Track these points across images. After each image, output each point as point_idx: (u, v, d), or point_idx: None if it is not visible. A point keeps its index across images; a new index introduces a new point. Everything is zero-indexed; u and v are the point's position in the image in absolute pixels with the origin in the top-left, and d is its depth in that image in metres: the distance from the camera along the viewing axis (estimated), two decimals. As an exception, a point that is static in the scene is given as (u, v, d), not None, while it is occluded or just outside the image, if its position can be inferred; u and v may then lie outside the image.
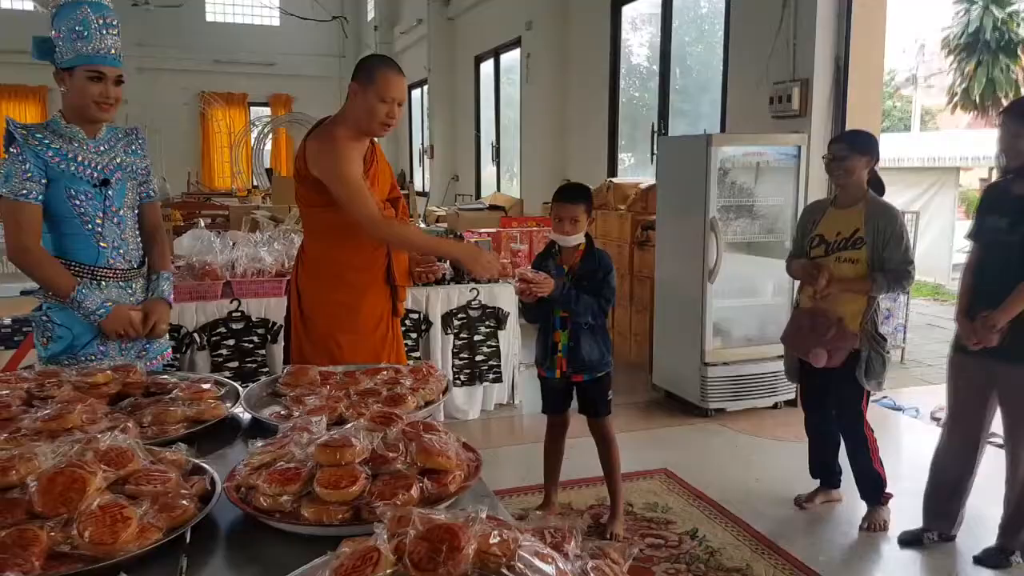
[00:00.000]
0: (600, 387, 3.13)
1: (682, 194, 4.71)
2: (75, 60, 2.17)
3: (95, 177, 2.24)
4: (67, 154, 2.20)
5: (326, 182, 2.40)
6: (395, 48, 13.54)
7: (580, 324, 3.00)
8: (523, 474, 3.68)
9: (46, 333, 2.26)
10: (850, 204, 3.16)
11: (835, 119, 4.65)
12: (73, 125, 2.23)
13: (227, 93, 15.00)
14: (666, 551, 3.02)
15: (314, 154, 2.42)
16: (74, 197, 2.21)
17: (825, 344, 3.11)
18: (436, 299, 4.45)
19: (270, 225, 5.86)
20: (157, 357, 2.45)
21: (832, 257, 3.15)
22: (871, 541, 3.17)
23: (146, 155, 2.43)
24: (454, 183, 11.80)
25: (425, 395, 1.73)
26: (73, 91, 2.20)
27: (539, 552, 0.90)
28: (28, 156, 2.15)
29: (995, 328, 2.71)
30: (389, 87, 2.37)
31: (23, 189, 2.14)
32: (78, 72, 2.18)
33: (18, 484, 1.12)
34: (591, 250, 3.04)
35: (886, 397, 4.97)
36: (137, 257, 2.38)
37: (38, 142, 2.17)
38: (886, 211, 3.09)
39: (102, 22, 2.18)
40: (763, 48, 4.93)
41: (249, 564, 1.16)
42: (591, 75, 7.73)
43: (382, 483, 1.22)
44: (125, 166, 2.33)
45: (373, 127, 2.42)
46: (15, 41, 13.09)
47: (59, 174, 2.18)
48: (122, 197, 2.32)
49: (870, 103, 4.73)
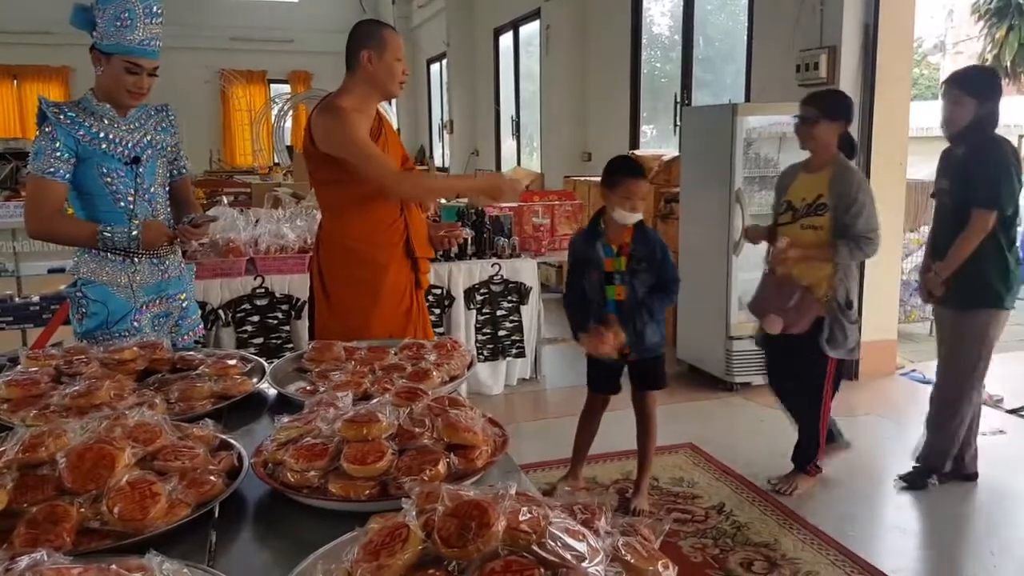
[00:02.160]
0: (658, 363, 3.06)
1: (706, 165, 4.64)
2: (114, 48, 2.16)
3: (126, 155, 2.25)
4: (98, 132, 2.21)
5: (338, 153, 2.41)
6: (413, 22, 13.42)
7: (638, 305, 2.87)
8: (547, 449, 3.68)
9: (80, 309, 2.29)
10: (818, 169, 3.11)
11: (864, 87, 4.53)
12: (104, 104, 2.24)
13: (247, 71, 14.98)
14: (692, 526, 3.01)
15: (320, 130, 2.43)
16: (106, 175, 2.23)
17: (784, 312, 3.05)
18: (458, 274, 4.44)
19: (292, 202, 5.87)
20: (189, 333, 2.48)
21: (797, 224, 3.12)
22: (900, 515, 3.14)
23: (176, 132, 2.44)
24: (474, 158, 11.73)
25: (450, 370, 1.73)
26: (108, 75, 2.20)
27: (570, 529, 0.88)
28: (59, 135, 2.16)
29: (940, 280, 3.05)
30: (399, 47, 2.47)
31: (50, 167, 2.15)
32: (115, 60, 2.17)
33: (48, 460, 1.13)
34: (642, 230, 2.90)
35: (915, 370, 4.90)
36: None
37: (70, 121, 2.18)
38: (849, 175, 3.03)
39: (147, 11, 2.17)
40: (789, 15, 4.81)
41: (277, 539, 1.16)
42: (612, 46, 7.61)
43: (409, 458, 1.21)
44: (156, 143, 2.34)
45: (394, 87, 2.50)
46: (38, 22, 13.26)
47: (90, 152, 2.20)
48: (153, 174, 2.33)
49: (900, 71, 4.60)
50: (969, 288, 3.03)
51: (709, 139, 4.57)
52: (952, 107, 3.01)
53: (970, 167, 3.00)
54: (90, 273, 2.27)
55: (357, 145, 2.39)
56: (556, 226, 5.01)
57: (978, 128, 2.99)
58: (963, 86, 3.01)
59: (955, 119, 3.01)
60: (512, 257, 4.60)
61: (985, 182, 2.94)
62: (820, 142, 3.07)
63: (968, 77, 3.11)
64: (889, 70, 4.50)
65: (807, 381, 3.19)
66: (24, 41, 13.30)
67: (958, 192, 3.03)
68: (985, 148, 2.98)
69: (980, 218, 2.94)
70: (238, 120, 14.98)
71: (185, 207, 2.47)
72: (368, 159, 2.39)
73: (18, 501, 1.06)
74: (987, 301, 3.04)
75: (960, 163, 3.04)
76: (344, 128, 2.39)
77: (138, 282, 2.31)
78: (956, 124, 3.02)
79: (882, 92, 4.48)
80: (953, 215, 3.05)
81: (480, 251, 4.54)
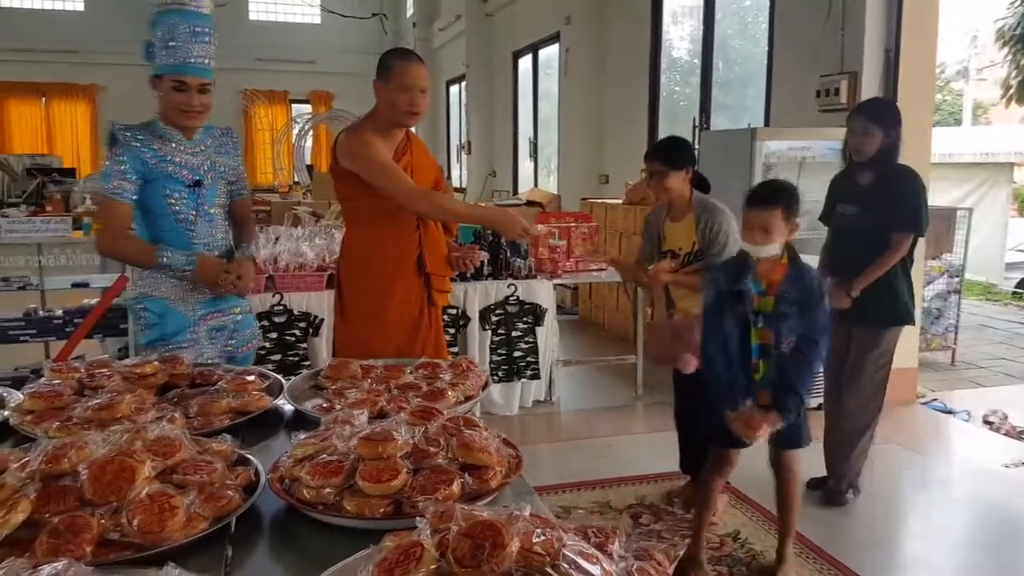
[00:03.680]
0: (800, 418, 2.60)
1: (725, 190, 4.60)
2: (162, 68, 2.26)
3: (189, 178, 2.33)
4: (164, 155, 2.30)
5: (358, 171, 2.49)
6: (433, 44, 13.58)
7: (785, 350, 2.48)
8: (561, 471, 3.66)
9: (141, 322, 2.37)
10: (681, 217, 3.15)
11: (884, 113, 4.53)
12: (170, 127, 2.32)
13: (269, 91, 15.22)
14: (707, 553, 2.98)
15: (343, 147, 2.54)
16: (169, 196, 2.31)
17: (693, 348, 2.92)
18: (474, 294, 4.45)
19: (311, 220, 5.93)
20: (245, 345, 2.54)
21: (685, 271, 3.16)
22: (920, 546, 3.08)
23: (238, 155, 2.54)
24: (491, 179, 11.80)
25: (465, 390, 1.73)
26: (162, 98, 2.30)
27: (583, 552, 0.88)
28: (127, 157, 2.25)
29: (851, 294, 3.16)
30: (406, 76, 2.46)
31: (117, 189, 2.25)
32: (165, 80, 2.27)
33: (70, 472, 1.15)
34: (797, 269, 2.52)
35: (936, 400, 4.83)
36: (224, 253, 2.47)
37: (139, 143, 2.27)
38: (710, 216, 3.08)
39: (190, 31, 2.25)
40: (810, 39, 4.82)
41: (292, 555, 1.17)
42: (631, 69, 7.66)
43: (423, 477, 1.21)
44: (218, 167, 2.43)
45: (399, 117, 2.52)
46: (66, 41, 13.58)
47: (156, 174, 2.28)
48: (214, 197, 2.41)
49: (922, 97, 4.59)
50: (884, 307, 3.23)
51: (728, 163, 4.57)
52: (861, 137, 3.19)
53: (885, 194, 3.18)
54: (149, 288, 2.36)
55: (373, 163, 2.47)
56: (572, 248, 5.02)
57: (888, 157, 3.20)
58: (870, 117, 3.20)
59: (864, 148, 3.20)
60: (528, 278, 4.61)
61: (907, 208, 3.16)
62: (674, 192, 3.11)
63: (875, 108, 3.34)
64: (911, 96, 4.48)
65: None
66: (52, 59, 13.62)
67: (873, 217, 3.19)
68: (900, 177, 3.20)
69: (902, 240, 3.16)
70: (260, 139, 15.20)
71: (243, 228, 2.56)
72: (386, 177, 2.46)
73: (40, 511, 1.08)
74: (901, 318, 3.26)
75: (870, 190, 3.23)
76: (362, 149, 2.48)
77: (195, 297, 2.39)
78: (865, 153, 3.21)
79: (904, 118, 4.46)
80: (867, 238, 3.21)
81: (496, 272, 4.56)
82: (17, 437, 1.50)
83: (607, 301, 6.65)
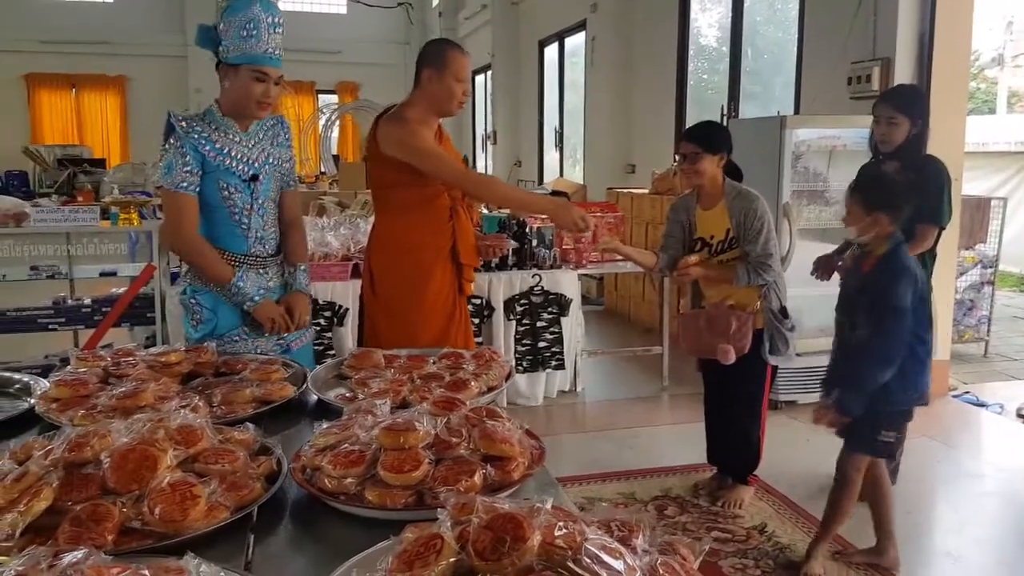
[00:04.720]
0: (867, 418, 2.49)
1: (753, 178, 4.53)
2: (241, 58, 2.20)
3: (246, 172, 2.29)
4: (222, 148, 2.24)
5: (406, 158, 2.49)
6: (459, 34, 13.54)
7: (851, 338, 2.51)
8: (585, 463, 3.65)
9: (195, 316, 2.33)
10: (712, 204, 3.09)
11: (918, 100, 4.42)
12: (228, 118, 2.27)
13: (296, 81, 15.29)
14: (733, 546, 2.95)
15: (387, 135, 2.52)
16: (224, 189, 2.26)
17: (728, 338, 3.00)
18: (499, 285, 4.44)
19: (337, 210, 5.96)
20: (298, 339, 2.49)
21: (715, 260, 3.11)
22: (950, 540, 3.02)
23: (290, 145, 2.48)
24: (517, 169, 11.76)
25: (488, 380, 1.72)
26: (235, 88, 2.23)
27: (606, 546, 0.86)
28: (187, 149, 2.20)
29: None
30: (462, 68, 2.52)
31: (183, 181, 2.20)
32: (243, 71, 2.20)
33: (93, 460, 1.15)
34: (891, 260, 2.43)
35: (968, 392, 4.74)
36: (274, 245, 2.43)
37: (197, 135, 2.22)
38: (745, 203, 3.02)
39: (271, 21, 2.21)
40: (841, 25, 4.72)
41: (314, 544, 1.17)
42: (658, 57, 7.56)
43: (445, 468, 1.20)
44: (272, 159, 2.37)
45: (451, 107, 2.55)
46: (95, 32, 13.75)
47: (214, 168, 2.24)
48: (268, 191, 2.37)
49: (956, 84, 4.48)
50: None
51: (756, 152, 4.49)
52: (887, 126, 3.11)
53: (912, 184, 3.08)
54: (200, 281, 2.32)
55: (424, 152, 2.48)
56: (599, 238, 4.98)
57: (915, 146, 3.11)
58: (896, 105, 3.11)
59: (890, 137, 3.11)
60: (553, 268, 4.59)
61: (929, 199, 3.06)
62: (706, 176, 3.05)
63: (901, 96, 3.24)
64: (945, 83, 4.38)
65: (745, 392, 3.17)
66: (82, 51, 13.79)
67: None
68: (926, 167, 3.10)
69: (927, 232, 3.09)
70: (287, 129, 15.28)
71: (291, 237, 2.48)
72: (437, 163, 2.48)
73: (63, 499, 1.08)
74: None
75: None
76: (410, 137, 2.48)
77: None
78: (891, 142, 3.12)
79: (937, 105, 4.34)
80: None
81: (521, 262, 4.54)
82: (43, 424, 1.51)
83: (633, 291, 6.60)
